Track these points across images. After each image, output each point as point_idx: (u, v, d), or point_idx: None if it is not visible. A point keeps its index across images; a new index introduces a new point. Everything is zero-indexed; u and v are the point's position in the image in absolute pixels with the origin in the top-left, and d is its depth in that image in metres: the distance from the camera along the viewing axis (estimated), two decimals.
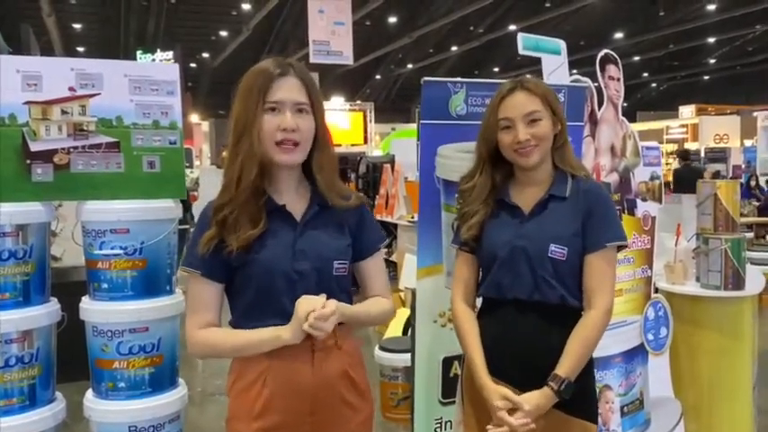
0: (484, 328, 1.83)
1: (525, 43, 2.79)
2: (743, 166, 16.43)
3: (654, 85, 33.35)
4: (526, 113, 1.76)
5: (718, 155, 17.67)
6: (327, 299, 1.54)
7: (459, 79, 2.40)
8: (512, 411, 1.69)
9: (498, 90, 1.84)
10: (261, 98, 1.53)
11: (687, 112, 22.62)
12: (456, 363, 2.43)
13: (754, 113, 19.66)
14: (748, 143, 19.42)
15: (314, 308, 1.49)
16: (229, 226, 1.53)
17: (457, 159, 2.33)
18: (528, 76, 1.93)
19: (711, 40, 24.45)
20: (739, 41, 25.78)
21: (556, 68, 2.87)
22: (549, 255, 1.74)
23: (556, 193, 1.80)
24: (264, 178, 1.57)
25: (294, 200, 1.62)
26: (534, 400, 1.69)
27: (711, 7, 20.09)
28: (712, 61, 28.70)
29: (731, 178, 14.50)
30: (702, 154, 18.30)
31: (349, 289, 1.68)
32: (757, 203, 10.66)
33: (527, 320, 1.76)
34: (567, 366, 1.71)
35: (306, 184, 1.66)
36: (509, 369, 1.76)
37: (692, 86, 32.51)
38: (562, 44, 2.91)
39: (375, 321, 1.76)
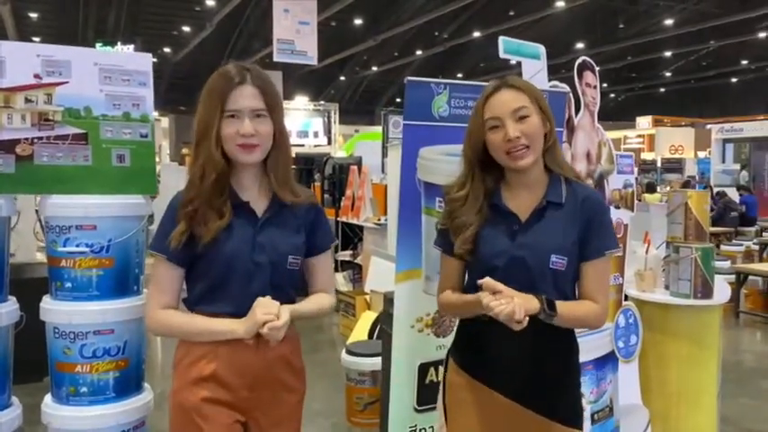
0: (478, 337, 1.78)
1: (506, 47, 2.77)
2: (697, 177, 16.93)
3: (612, 95, 34.07)
4: (514, 109, 1.70)
5: (674, 165, 18.16)
6: (278, 291, 1.71)
7: (442, 80, 2.36)
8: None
9: (483, 91, 1.79)
10: (220, 106, 1.66)
11: (644, 123, 23.24)
12: (432, 369, 2.40)
13: (708, 126, 20.31)
14: (701, 155, 20.03)
15: (271, 315, 1.63)
16: (198, 219, 1.66)
17: (439, 162, 2.29)
18: (510, 76, 1.87)
19: (668, 53, 25.10)
20: (694, 56, 26.55)
21: (535, 73, 2.86)
22: (551, 266, 1.70)
23: (553, 200, 1.75)
24: (229, 174, 1.70)
25: (257, 197, 1.75)
26: (521, 295, 1.61)
27: (669, 22, 20.63)
28: (668, 74, 29.47)
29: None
30: (659, 164, 18.79)
31: (297, 282, 1.81)
32: (711, 213, 10.97)
33: (525, 332, 1.69)
34: (561, 304, 1.67)
35: (267, 184, 1.77)
36: (505, 380, 1.74)
37: (648, 98, 33.35)
38: (542, 49, 2.90)
39: (319, 315, 1.89)
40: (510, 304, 1.54)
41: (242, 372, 1.69)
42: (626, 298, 3.21)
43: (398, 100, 27.53)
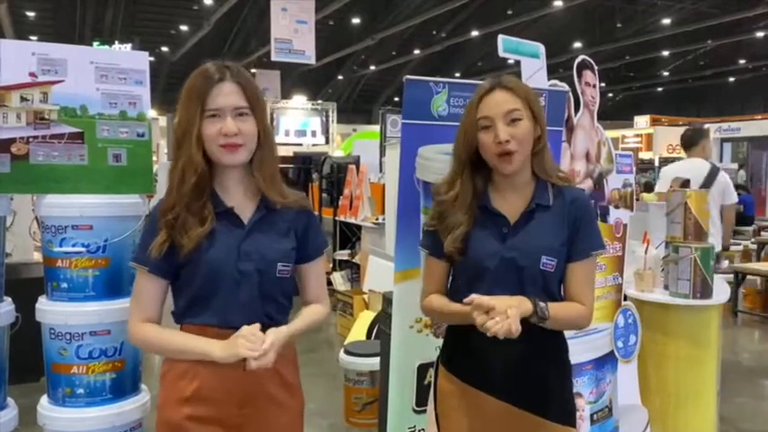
0: (468, 341, 1.77)
1: (505, 45, 2.76)
2: None
3: (610, 95, 34.07)
4: (506, 112, 1.70)
5: None
6: (268, 301, 1.64)
7: (441, 79, 2.35)
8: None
9: (478, 88, 1.78)
10: (200, 105, 1.58)
11: (642, 122, 23.21)
12: (431, 370, 2.38)
13: (706, 125, 20.28)
14: None
15: (255, 352, 1.50)
16: (178, 227, 1.58)
17: (438, 161, 2.28)
18: (506, 75, 1.86)
19: (666, 53, 25.10)
20: (692, 55, 26.55)
21: (535, 72, 2.85)
22: (541, 267, 1.70)
23: (541, 203, 1.76)
24: (210, 178, 1.62)
25: (243, 202, 1.67)
26: (513, 299, 1.59)
27: (667, 21, 20.63)
28: (666, 74, 29.47)
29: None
30: (657, 163, 18.77)
31: (289, 290, 1.72)
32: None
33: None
34: (552, 306, 1.66)
35: (254, 187, 1.69)
36: (496, 382, 1.73)
37: (646, 97, 33.35)
38: (541, 48, 2.88)
39: (313, 328, 1.81)
40: (506, 321, 1.52)
41: (228, 388, 1.61)
42: (625, 298, 3.20)
43: (396, 99, 27.50)
